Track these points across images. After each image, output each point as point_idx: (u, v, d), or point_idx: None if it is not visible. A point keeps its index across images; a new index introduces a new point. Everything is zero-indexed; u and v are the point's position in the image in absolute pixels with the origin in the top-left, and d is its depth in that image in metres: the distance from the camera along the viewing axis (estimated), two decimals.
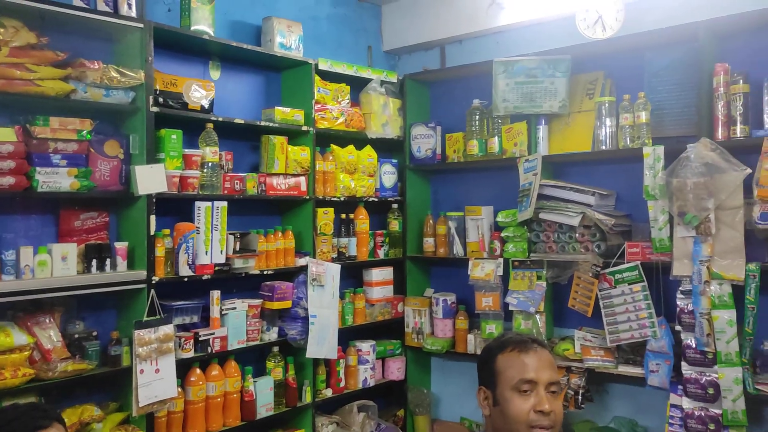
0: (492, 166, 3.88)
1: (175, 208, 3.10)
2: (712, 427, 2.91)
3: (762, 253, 2.92)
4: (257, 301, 3.34)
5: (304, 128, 3.55)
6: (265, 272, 3.35)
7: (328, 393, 3.64)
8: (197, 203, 3.06)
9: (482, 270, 3.67)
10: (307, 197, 3.57)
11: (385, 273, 3.98)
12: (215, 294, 3.14)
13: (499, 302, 3.63)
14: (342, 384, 3.72)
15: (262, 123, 3.39)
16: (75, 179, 2.67)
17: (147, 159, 2.86)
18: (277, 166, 3.43)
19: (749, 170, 2.83)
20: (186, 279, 3.00)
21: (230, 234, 3.20)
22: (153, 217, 2.87)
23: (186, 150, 3.04)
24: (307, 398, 3.52)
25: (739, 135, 2.95)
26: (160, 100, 2.93)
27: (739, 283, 2.87)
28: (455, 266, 3.99)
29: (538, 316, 3.48)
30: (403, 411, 4.05)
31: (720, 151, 2.92)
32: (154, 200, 2.88)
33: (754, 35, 3.07)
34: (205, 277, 3.07)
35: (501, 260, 3.63)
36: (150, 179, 2.84)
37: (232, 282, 3.35)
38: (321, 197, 3.64)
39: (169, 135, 2.96)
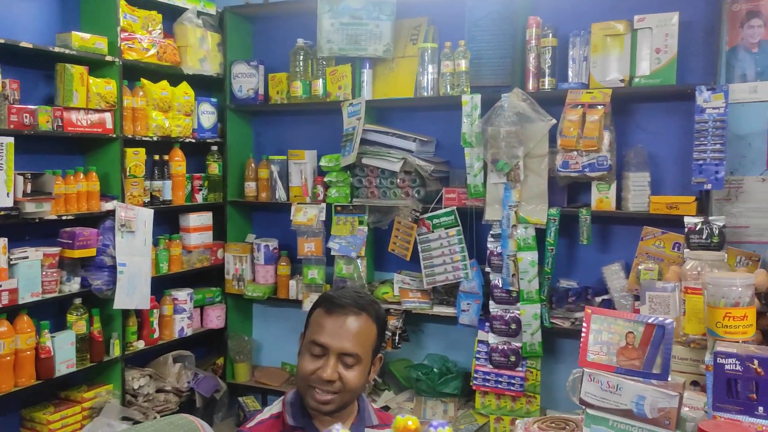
0: (316, 110, 3.79)
1: None
2: (512, 358, 3.14)
3: (562, 198, 3.16)
4: (55, 250, 3.01)
5: (109, 58, 3.20)
6: (63, 218, 3.02)
7: (140, 345, 3.43)
8: None
9: (305, 215, 3.61)
10: (114, 136, 3.25)
11: (203, 218, 3.78)
12: (1, 242, 2.78)
13: (321, 247, 3.61)
14: (156, 335, 3.52)
15: (56, 49, 2.99)
16: None
17: None
18: (76, 100, 3.06)
19: (554, 120, 3.01)
20: None
21: (19, 174, 2.83)
22: None
23: None
24: (116, 352, 3.28)
25: (547, 87, 3.12)
26: None
27: (542, 227, 3.08)
28: (278, 211, 3.89)
29: (359, 261, 3.50)
30: (223, 359, 3.94)
31: (530, 101, 3.07)
32: None
33: None
34: None
35: (324, 205, 3.59)
36: None
37: (23, 228, 2.98)
38: (130, 136, 3.33)
39: None
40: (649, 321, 1.59)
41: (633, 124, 3.13)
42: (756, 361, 1.35)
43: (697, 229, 2.75)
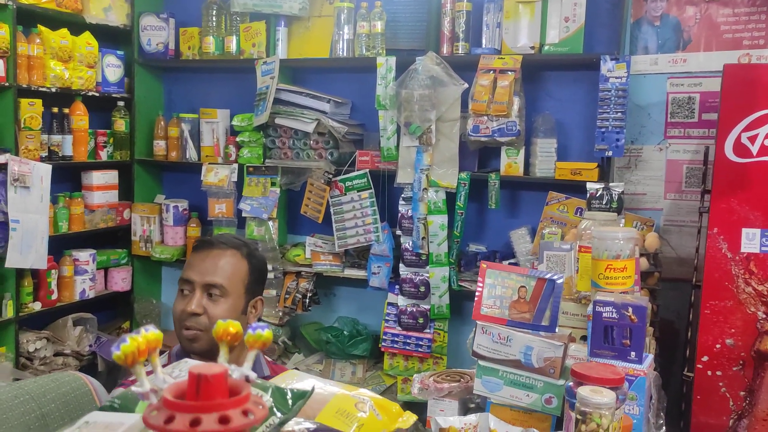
0: (229, 67, 3.68)
1: None
2: (421, 320, 3.19)
3: (473, 163, 3.20)
4: None
5: (1, 1, 2.98)
6: None
7: (36, 307, 3.27)
8: None
9: (216, 175, 3.52)
10: (7, 84, 3.05)
11: (108, 177, 3.62)
12: None
13: (232, 209, 3.53)
14: (54, 296, 3.36)
15: None
16: None
17: None
18: None
19: (467, 85, 3.03)
20: None
21: None
22: None
23: None
24: (9, 313, 3.12)
25: (460, 51, 3.13)
26: None
27: (452, 191, 3.12)
28: (188, 171, 3.77)
29: (270, 223, 3.45)
30: (129, 323, 3.82)
31: (444, 65, 3.07)
32: None
33: None
34: None
35: (236, 166, 3.51)
36: None
37: None
38: (25, 86, 3.13)
39: None
40: (541, 275, 1.63)
41: (542, 92, 3.19)
42: (630, 309, 1.41)
43: (597, 194, 2.84)
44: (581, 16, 2.93)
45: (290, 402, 0.80)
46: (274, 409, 0.77)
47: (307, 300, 3.40)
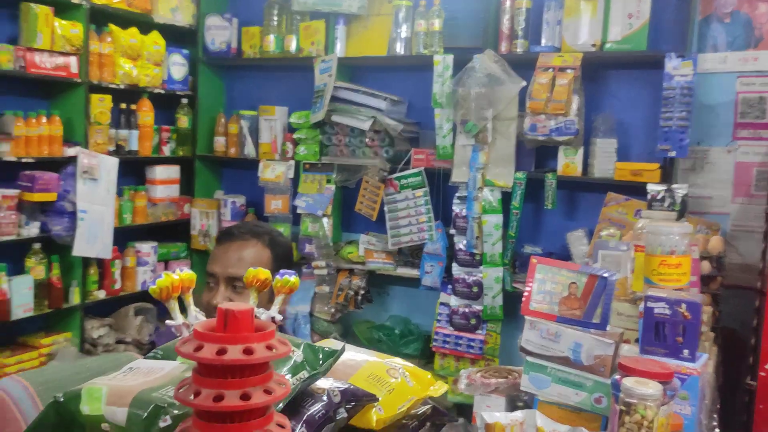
0: (289, 65, 3.74)
1: None
2: (473, 321, 3.15)
3: (529, 162, 3.14)
4: (14, 192, 2.97)
5: (75, 1, 3.13)
6: (24, 160, 2.97)
7: (101, 295, 3.40)
8: None
9: (273, 172, 3.58)
10: (79, 80, 3.19)
11: (170, 171, 3.74)
12: None
13: (288, 205, 3.58)
14: (117, 286, 3.49)
15: None
16: None
17: None
18: (40, 41, 3.00)
19: (525, 83, 2.98)
20: None
21: None
22: None
23: None
24: (76, 300, 3.26)
25: (519, 49, 3.09)
26: None
27: (508, 190, 3.07)
28: (246, 167, 3.85)
29: (325, 220, 3.49)
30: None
31: (501, 63, 3.04)
32: None
33: None
34: None
35: (292, 162, 3.56)
36: None
37: None
38: (96, 82, 3.28)
39: None
40: (592, 272, 1.59)
41: (603, 90, 3.11)
42: (684, 305, 1.35)
43: (659, 196, 2.74)
44: (645, 12, 2.84)
45: (321, 359, 0.81)
46: (305, 364, 0.78)
47: (360, 297, 3.42)
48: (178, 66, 3.73)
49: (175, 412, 0.72)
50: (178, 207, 3.83)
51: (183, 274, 0.73)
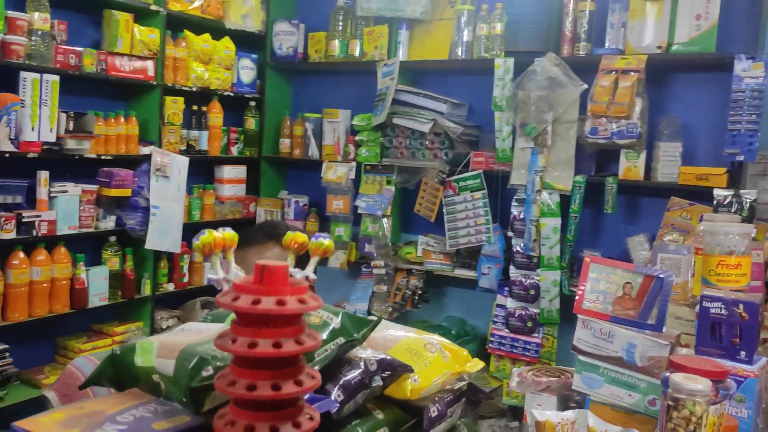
0: (352, 69, 3.83)
1: None
2: (529, 324, 3.15)
3: (590, 166, 3.12)
4: (92, 187, 3.15)
5: (154, 8, 3.31)
6: (103, 157, 3.15)
7: (170, 287, 3.57)
8: (23, 74, 2.78)
9: (335, 173, 3.67)
10: (155, 83, 3.36)
11: (237, 171, 3.88)
12: (43, 174, 2.93)
13: (349, 205, 3.66)
14: (185, 279, 3.65)
15: None
16: None
17: None
18: (120, 45, 3.18)
19: (586, 86, 2.97)
20: (8, 155, 2.76)
21: (63, 112, 2.96)
22: None
23: (9, 12, 2.74)
24: (147, 291, 3.43)
25: (581, 52, 3.07)
26: None
27: (567, 194, 3.06)
28: (310, 168, 3.96)
29: (384, 220, 3.55)
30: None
31: (563, 66, 3.03)
32: None
33: None
34: (30, 155, 2.84)
35: (354, 164, 3.64)
36: None
37: (64, 164, 3.12)
38: (170, 85, 3.45)
39: None
40: (648, 272, 1.58)
41: (667, 93, 3.06)
42: (741, 306, 1.34)
43: (726, 201, 2.68)
44: (714, 13, 2.79)
45: (358, 327, 0.86)
46: (343, 330, 0.84)
47: (417, 297, 3.46)
48: (247, 70, 3.88)
49: (218, 363, 0.79)
50: (244, 206, 3.97)
51: (225, 233, 0.81)
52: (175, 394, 0.80)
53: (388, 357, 0.90)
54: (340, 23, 3.72)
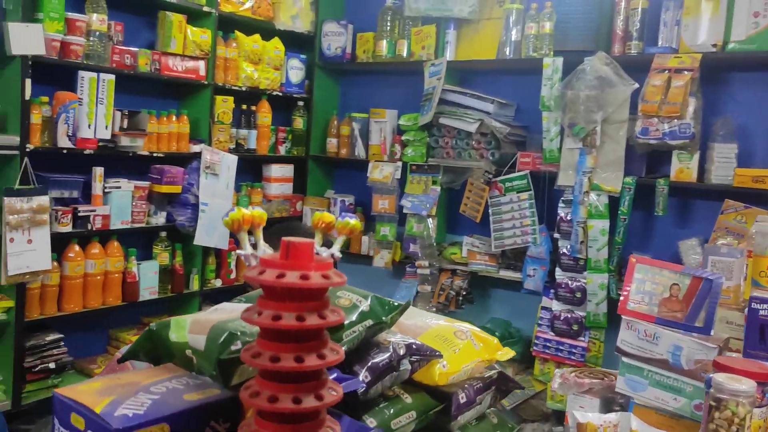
0: (399, 69, 3.84)
1: (55, 75, 2.93)
2: (575, 327, 3.09)
3: (640, 167, 3.04)
4: (145, 183, 3.25)
5: (206, 9, 3.39)
6: (155, 154, 3.25)
7: (218, 283, 3.64)
8: (81, 73, 2.89)
9: (381, 172, 3.69)
10: (206, 83, 3.44)
11: (285, 170, 3.94)
12: (98, 170, 3.04)
13: (394, 205, 3.67)
14: (233, 276, 3.72)
15: None
16: None
17: (23, 17, 2.67)
18: (174, 46, 3.27)
19: (637, 85, 2.90)
20: (65, 151, 2.87)
21: (118, 110, 3.07)
22: (28, 81, 2.71)
23: (69, 14, 2.85)
24: (195, 286, 3.50)
25: (633, 51, 3.01)
26: None
27: (615, 195, 2.99)
28: (356, 168, 3.99)
29: (429, 220, 3.54)
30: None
31: (613, 65, 2.97)
32: (30, 62, 2.70)
33: None
34: (87, 152, 2.94)
35: (400, 164, 3.65)
36: (25, 39, 2.66)
37: (118, 161, 3.23)
38: (221, 84, 3.52)
39: None
40: (696, 274, 1.54)
41: (723, 93, 2.96)
42: None
43: None
44: None
45: (387, 311, 0.86)
46: (371, 313, 0.84)
47: (461, 298, 3.44)
48: (295, 70, 3.94)
49: (246, 338, 0.81)
50: (291, 204, 4.02)
51: (254, 211, 0.83)
52: (206, 367, 0.83)
53: (417, 342, 0.90)
54: (388, 23, 3.74)
